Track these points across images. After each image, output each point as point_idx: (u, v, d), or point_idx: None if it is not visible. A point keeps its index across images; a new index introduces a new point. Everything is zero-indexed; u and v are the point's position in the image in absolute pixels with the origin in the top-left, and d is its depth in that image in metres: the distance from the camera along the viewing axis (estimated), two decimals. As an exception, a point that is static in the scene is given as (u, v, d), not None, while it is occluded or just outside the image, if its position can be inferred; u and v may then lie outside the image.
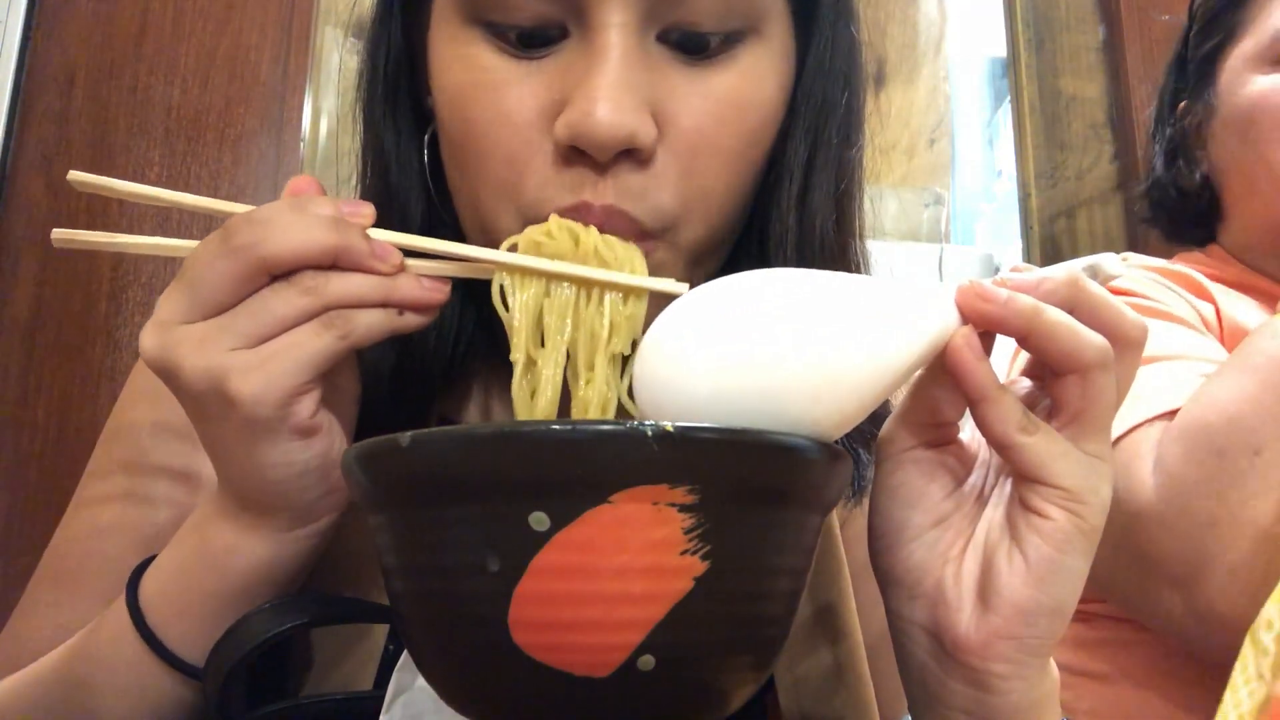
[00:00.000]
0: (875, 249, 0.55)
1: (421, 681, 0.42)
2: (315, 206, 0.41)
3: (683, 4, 0.44)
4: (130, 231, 0.40)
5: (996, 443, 0.37)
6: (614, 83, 0.42)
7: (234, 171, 1.26)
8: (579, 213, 0.44)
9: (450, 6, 0.47)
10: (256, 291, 0.40)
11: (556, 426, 0.30)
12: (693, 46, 0.45)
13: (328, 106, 1.38)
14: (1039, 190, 1.57)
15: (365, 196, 0.55)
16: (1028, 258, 1.57)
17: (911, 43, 1.65)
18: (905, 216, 1.52)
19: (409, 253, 0.44)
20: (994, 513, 0.39)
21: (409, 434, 0.32)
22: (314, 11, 1.33)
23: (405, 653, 0.44)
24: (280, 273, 0.40)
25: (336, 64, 1.40)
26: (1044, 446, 0.37)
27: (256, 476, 0.42)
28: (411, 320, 0.43)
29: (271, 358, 0.39)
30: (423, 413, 0.55)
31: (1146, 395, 0.75)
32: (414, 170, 0.53)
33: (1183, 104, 0.99)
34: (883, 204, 0.64)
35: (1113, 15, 1.57)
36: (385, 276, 0.42)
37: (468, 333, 0.54)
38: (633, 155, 0.44)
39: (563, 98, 0.44)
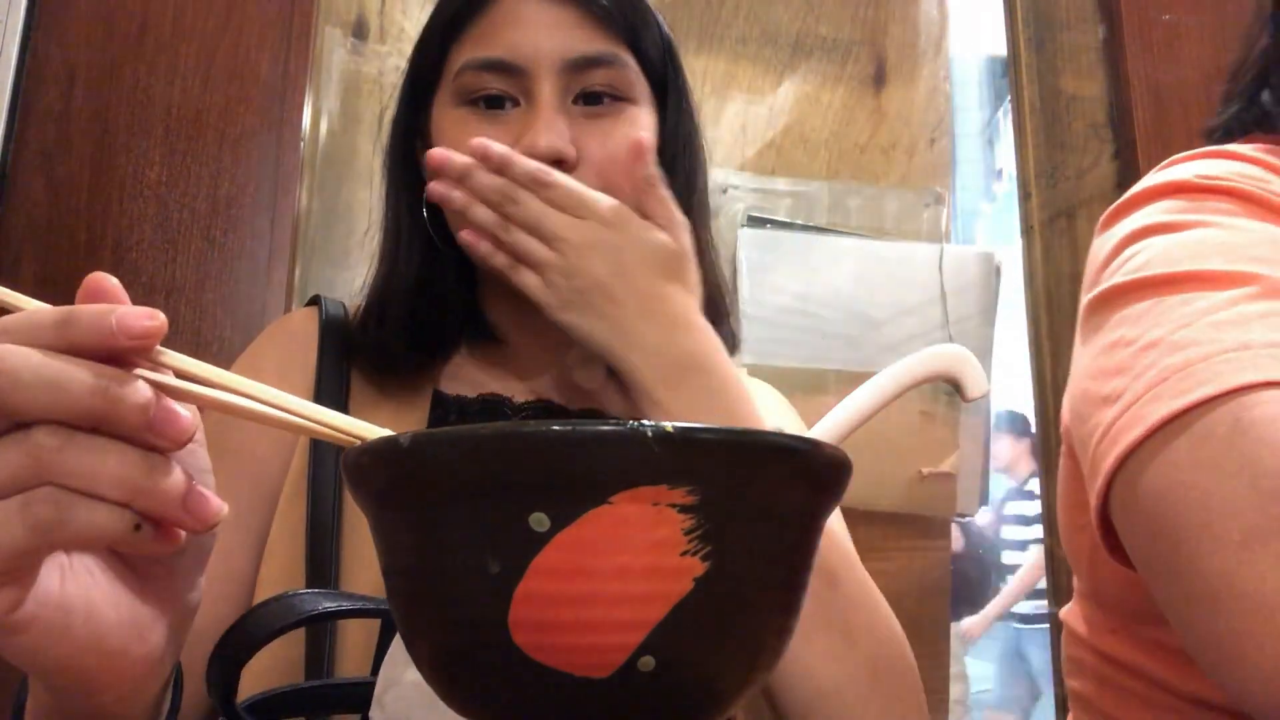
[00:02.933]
0: (876, 249, 0.57)
1: (411, 676, 0.42)
2: (86, 332, 0.32)
3: (585, 81, 0.71)
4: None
5: None
6: (549, 125, 0.69)
7: (234, 171, 1.26)
8: None
9: (447, 96, 0.73)
10: None
11: (557, 427, 0.30)
12: (592, 100, 0.72)
13: (328, 106, 1.37)
14: (1039, 190, 1.57)
15: (385, 240, 0.77)
16: (1028, 257, 1.57)
17: (911, 43, 1.65)
18: (905, 216, 1.52)
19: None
20: None
21: (409, 434, 0.32)
22: (314, 11, 1.32)
23: (394, 645, 0.44)
24: (27, 421, 0.32)
25: (336, 64, 1.40)
26: None
27: None
28: (144, 541, 0.33)
29: None
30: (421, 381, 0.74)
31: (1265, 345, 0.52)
32: (418, 214, 0.75)
33: None
34: (883, 204, 0.78)
35: (1113, 15, 1.57)
36: (159, 454, 0.32)
37: (460, 309, 0.77)
38: (562, 168, 0.68)
39: (517, 139, 0.69)
